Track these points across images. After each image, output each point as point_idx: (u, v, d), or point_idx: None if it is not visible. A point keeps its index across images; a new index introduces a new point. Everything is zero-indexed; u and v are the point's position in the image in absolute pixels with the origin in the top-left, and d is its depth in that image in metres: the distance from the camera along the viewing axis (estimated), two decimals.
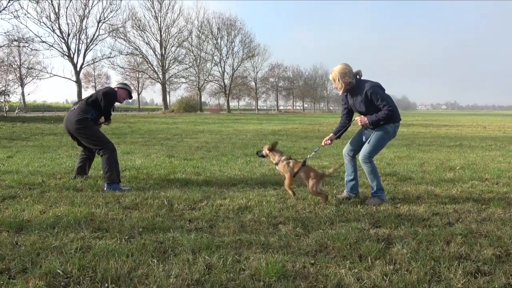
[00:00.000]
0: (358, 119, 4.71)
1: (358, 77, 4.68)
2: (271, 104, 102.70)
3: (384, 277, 2.65)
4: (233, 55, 61.60)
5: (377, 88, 4.56)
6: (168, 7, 51.91)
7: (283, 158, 4.85)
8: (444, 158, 8.75)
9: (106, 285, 2.52)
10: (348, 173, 4.99)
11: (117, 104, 5.97)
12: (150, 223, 3.75)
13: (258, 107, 79.38)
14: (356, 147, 4.93)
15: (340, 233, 3.50)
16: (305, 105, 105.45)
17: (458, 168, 7.23)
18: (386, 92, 4.63)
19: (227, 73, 62.09)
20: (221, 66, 61.05)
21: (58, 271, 2.67)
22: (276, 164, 4.88)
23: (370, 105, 4.57)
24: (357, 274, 2.70)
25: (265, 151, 4.99)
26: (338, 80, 4.61)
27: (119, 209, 4.25)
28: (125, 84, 6.19)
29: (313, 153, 5.36)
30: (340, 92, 4.73)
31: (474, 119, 44.08)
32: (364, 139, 4.83)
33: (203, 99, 64.97)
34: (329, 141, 4.94)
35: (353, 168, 4.96)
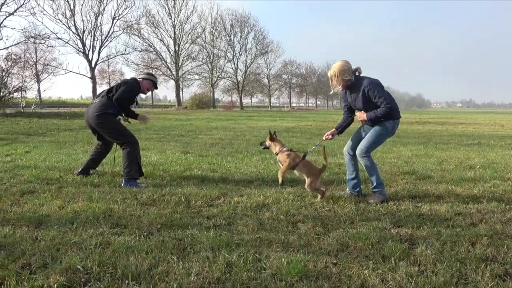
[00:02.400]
0: (358, 114, 4.70)
1: (357, 74, 4.62)
2: (283, 101, 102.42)
3: (410, 278, 2.58)
4: (246, 52, 61.61)
5: (375, 85, 4.49)
6: (181, 4, 52.06)
7: (284, 149, 4.83)
8: (463, 156, 8.58)
9: (127, 282, 2.50)
10: (349, 172, 4.93)
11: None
12: (168, 220, 3.73)
13: (271, 104, 79.24)
14: (354, 144, 4.86)
15: (361, 232, 3.43)
16: (318, 102, 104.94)
17: (478, 167, 7.08)
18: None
19: (240, 70, 62.16)
20: (234, 62, 61.12)
21: (78, 267, 2.66)
22: (277, 154, 4.85)
23: (369, 102, 4.51)
24: (381, 275, 2.64)
25: (268, 141, 4.98)
26: (337, 78, 4.55)
27: (137, 205, 4.24)
28: (150, 74, 6.07)
29: (313, 147, 5.31)
30: (339, 90, 4.67)
31: (491, 117, 43.31)
32: (363, 136, 4.76)
33: (216, 96, 65.08)
34: (330, 136, 4.91)
35: (354, 167, 4.90)
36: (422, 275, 2.64)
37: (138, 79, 5.79)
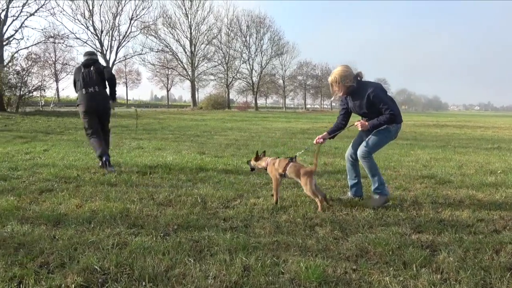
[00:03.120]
0: (358, 124, 4.56)
1: (359, 79, 4.51)
2: (298, 102, 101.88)
3: (432, 286, 2.51)
4: (261, 53, 61.51)
5: (379, 90, 4.40)
6: (198, 5, 52.23)
7: (269, 160, 4.71)
8: (483, 161, 8.39)
9: (144, 283, 2.48)
10: (351, 177, 4.85)
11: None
12: (185, 221, 3.71)
13: (286, 105, 79.06)
14: (356, 149, 4.77)
15: (380, 237, 3.36)
16: (333, 104, 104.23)
17: (499, 172, 6.91)
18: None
19: (255, 71, 62.10)
20: (249, 63, 61.10)
21: (96, 267, 2.65)
22: (266, 168, 4.73)
23: (372, 107, 4.42)
24: (403, 282, 2.57)
25: (252, 162, 4.93)
26: (338, 84, 4.45)
27: (153, 206, 4.24)
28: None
29: (303, 150, 5.27)
30: (339, 96, 4.59)
31: (510, 120, 42.45)
32: (365, 139, 4.68)
33: (230, 97, 65.19)
34: (321, 140, 4.77)
35: (356, 172, 4.83)
36: (445, 283, 2.57)
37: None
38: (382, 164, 7.34)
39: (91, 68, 6.50)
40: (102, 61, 6.88)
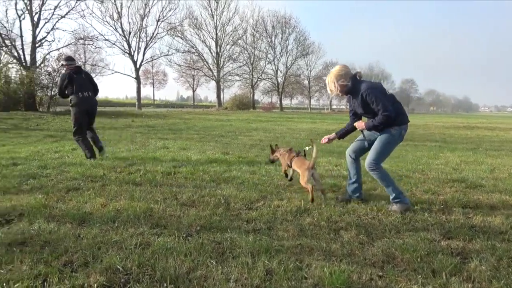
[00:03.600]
0: (356, 124, 4.55)
1: (358, 78, 4.39)
2: (323, 103, 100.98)
3: None
4: (287, 53, 61.34)
5: (374, 90, 4.23)
6: (224, 6, 52.53)
7: (282, 150, 5.47)
8: None
9: (165, 285, 2.47)
10: (350, 176, 4.74)
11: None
12: (208, 222, 3.70)
13: (311, 106, 78.56)
14: (357, 148, 4.73)
15: (408, 243, 3.25)
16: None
17: None
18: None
19: (281, 71, 61.97)
20: (274, 64, 61.03)
21: (118, 267, 2.66)
22: (280, 155, 5.47)
23: (367, 107, 4.30)
24: None
25: (271, 156, 5.74)
26: (334, 83, 4.40)
27: (177, 206, 4.24)
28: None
29: (308, 148, 5.22)
30: (339, 95, 4.54)
31: None
32: (363, 137, 4.66)
33: (255, 97, 65.24)
34: (326, 140, 4.81)
35: (355, 171, 4.70)
36: None
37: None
38: (410, 167, 7.15)
39: (83, 75, 7.41)
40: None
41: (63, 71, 7.46)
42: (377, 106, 4.20)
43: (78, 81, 7.21)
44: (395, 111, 4.23)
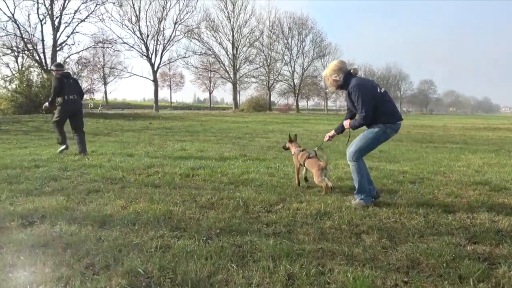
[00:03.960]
0: (344, 123, 4.75)
1: (353, 74, 4.48)
2: (340, 104, 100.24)
3: None
4: (303, 55, 61.28)
5: (358, 87, 4.30)
6: (240, 8, 52.76)
7: (296, 151, 5.59)
8: None
9: None
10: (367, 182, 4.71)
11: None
12: (227, 225, 3.67)
13: (327, 107, 78.10)
14: None
15: (433, 248, 3.16)
16: None
17: None
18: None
19: (297, 73, 61.90)
20: (291, 65, 61.02)
21: (140, 270, 2.65)
22: (293, 155, 5.62)
23: (354, 104, 4.43)
24: None
25: (287, 144, 5.94)
26: (328, 78, 4.56)
27: (196, 208, 4.23)
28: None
29: (316, 148, 5.43)
30: (334, 89, 4.72)
31: None
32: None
33: (272, 99, 65.20)
34: (327, 138, 5.08)
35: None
36: None
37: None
38: (431, 169, 7.02)
39: (71, 80, 8.45)
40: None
41: (53, 76, 8.49)
42: (358, 105, 4.33)
43: (67, 85, 8.23)
44: (378, 111, 4.32)
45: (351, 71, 4.51)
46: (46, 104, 8.52)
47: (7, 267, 2.70)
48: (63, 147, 8.40)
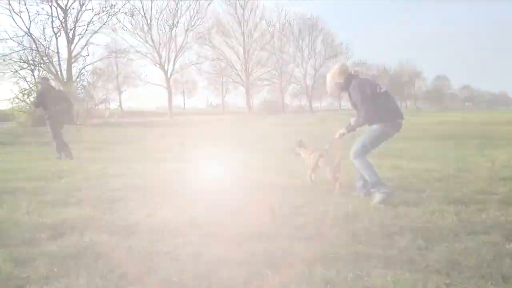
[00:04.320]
0: (351, 120, 4.79)
1: (355, 75, 4.59)
2: None
3: None
4: (315, 56, 61.07)
5: (359, 87, 4.43)
6: (250, 12, 52.87)
7: (309, 150, 5.64)
8: None
9: None
10: (358, 177, 4.82)
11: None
12: (256, 230, 3.62)
13: (341, 107, 77.61)
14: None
15: (470, 247, 3.06)
16: None
17: None
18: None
19: (309, 74, 61.70)
20: (303, 67, 60.87)
21: (174, 279, 2.62)
22: (307, 155, 5.61)
23: (355, 104, 4.54)
24: None
25: (296, 149, 5.87)
26: (329, 82, 4.68)
27: (223, 213, 4.19)
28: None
29: (327, 146, 5.41)
30: (338, 92, 4.82)
31: None
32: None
33: (285, 100, 65.10)
34: (337, 135, 4.98)
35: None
36: None
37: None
38: (456, 166, 6.88)
39: (55, 92, 9.53)
40: None
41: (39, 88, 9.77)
42: (358, 105, 4.46)
43: (54, 96, 9.19)
44: (378, 109, 4.38)
45: (352, 72, 4.63)
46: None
47: (41, 279, 2.69)
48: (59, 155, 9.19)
